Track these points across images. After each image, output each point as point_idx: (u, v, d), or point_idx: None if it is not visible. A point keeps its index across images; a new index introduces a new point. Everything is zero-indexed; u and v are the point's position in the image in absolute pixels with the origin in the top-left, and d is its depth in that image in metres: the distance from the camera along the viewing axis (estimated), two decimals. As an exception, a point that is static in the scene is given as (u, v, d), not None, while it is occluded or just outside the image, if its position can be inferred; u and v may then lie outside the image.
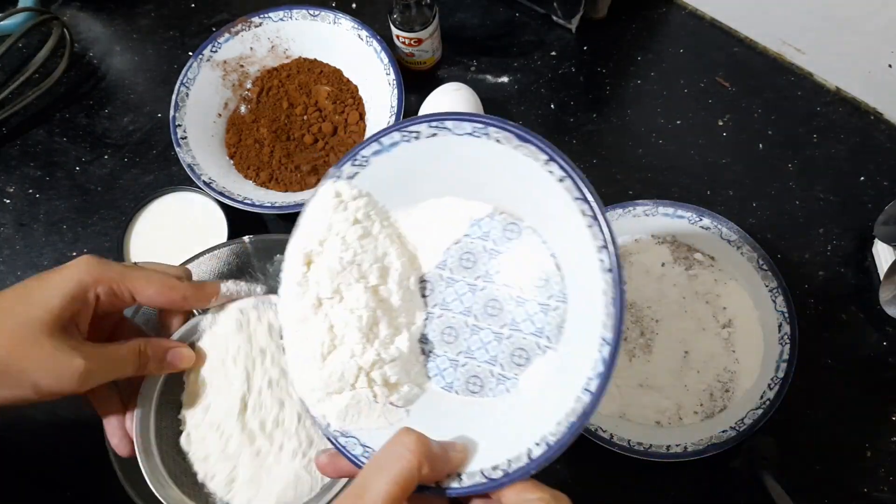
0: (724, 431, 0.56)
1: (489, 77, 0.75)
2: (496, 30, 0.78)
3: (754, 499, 0.58)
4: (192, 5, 0.82)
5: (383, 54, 0.70)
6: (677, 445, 0.56)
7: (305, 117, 0.72)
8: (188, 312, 0.49)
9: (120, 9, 0.82)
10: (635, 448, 0.56)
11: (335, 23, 0.72)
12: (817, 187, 0.68)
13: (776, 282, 0.59)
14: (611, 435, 0.56)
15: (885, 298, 0.61)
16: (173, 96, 0.69)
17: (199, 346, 0.50)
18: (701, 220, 0.62)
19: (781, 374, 0.57)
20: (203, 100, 0.70)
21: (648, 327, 0.61)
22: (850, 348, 0.63)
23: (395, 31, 0.70)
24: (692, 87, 0.74)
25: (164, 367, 0.46)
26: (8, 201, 0.73)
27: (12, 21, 0.77)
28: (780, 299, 0.59)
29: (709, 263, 0.63)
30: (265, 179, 0.69)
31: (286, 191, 0.69)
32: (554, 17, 0.76)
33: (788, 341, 0.58)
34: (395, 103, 0.67)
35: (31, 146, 0.75)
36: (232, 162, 0.70)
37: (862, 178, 0.68)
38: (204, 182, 0.65)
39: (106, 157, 0.74)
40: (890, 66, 0.65)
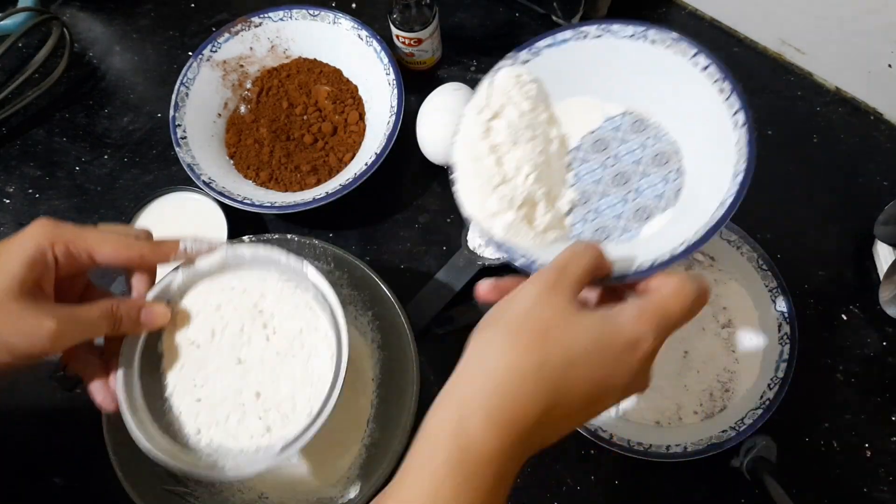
0: (723, 431, 0.56)
1: (489, 77, 0.75)
2: (496, 30, 0.78)
3: (754, 499, 0.58)
4: (192, 5, 0.82)
5: (383, 54, 0.70)
6: (677, 445, 0.56)
7: (305, 117, 0.72)
8: (153, 273, 0.49)
9: (120, 9, 0.82)
10: (635, 448, 0.56)
11: (335, 23, 0.72)
12: (817, 187, 0.68)
13: (776, 282, 0.59)
14: (611, 435, 0.56)
15: (885, 298, 0.61)
16: (173, 96, 0.69)
17: (179, 304, 0.50)
18: (701, 220, 0.62)
19: (781, 375, 0.57)
20: (203, 100, 0.70)
21: (648, 327, 0.61)
22: (849, 348, 0.63)
23: (394, 31, 0.70)
24: (692, 87, 0.74)
25: (139, 326, 0.46)
26: (8, 201, 0.73)
27: (12, 21, 0.77)
28: (780, 299, 0.59)
29: (709, 263, 0.63)
30: (265, 179, 0.69)
31: (286, 191, 0.69)
32: (554, 17, 0.76)
33: (788, 341, 0.58)
34: (394, 103, 0.67)
35: (30, 146, 0.75)
36: (232, 162, 0.70)
37: (862, 178, 0.68)
38: (204, 182, 0.65)
39: (106, 156, 0.74)
40: (890, 65, 0.65)
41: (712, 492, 0.59)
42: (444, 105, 0.68)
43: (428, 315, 0.64)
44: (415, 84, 0.74)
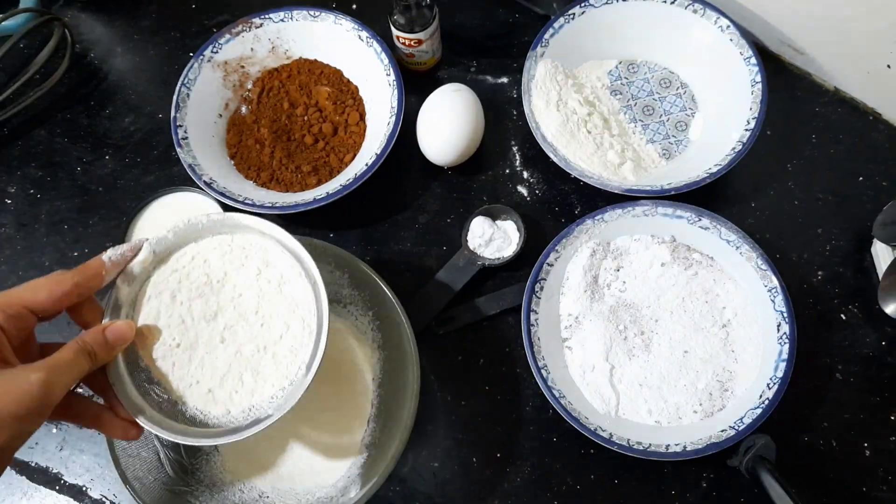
0: (723, 431, 0.56)
1: (489, 77, 0.75)
2: (496, 30, 0.78)
3: (753, 498, 0.58)
4: (193, 6, 0.82)
5: (383, 55, 0.70)
6: (676, 445, 0.56)
7: (306, 118, 0.72)
8: (94, 301, 0.48)
9: (121, 10, 0.82)
10: (634, 447, 0.56)
11: (336, 24, 0.72)
12: (816, 187, 0.69)
13: (775, 281, 0.60)
14: (610, 434, 0.56)
15: (884, 298, 0.61)
16: (174, 97, 0.69)
17: (139, 309, 0.50)
18: (700, 220, 0.62)
19: (780, 374, 0.57)
20: (204, 100, 0.71)
21: (648, 327, 0.61)
22: (848, 348, 0.63)
23: (395, 32, 0.70)
24: (691, 88, 0.74)
25: (112, 348, 0.46)
26: (9, 201, 0.73)
27: (13, 21, 0.77)
28: (779, 299, 0.59)
29: (708, 263, 0.63)
30: (266, 180, 0.69)
31: (287, 191, 0.69)
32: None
33: (787, 341, 0.58)
34: (395, 104, 0.68)
35: (32, 146, 0.75)
36: (233, 162, 0.71)
37: (861, 178, 0.69)
38: (205, 182, 0.65)
39: (107, 157, 0.74)
40: (889, 66, 0.65)
41: (712, 490, 0.59)
42: (444, 106, 0.68)
43: (428, 315, 0.65)
44: (415, 85, 0.74)
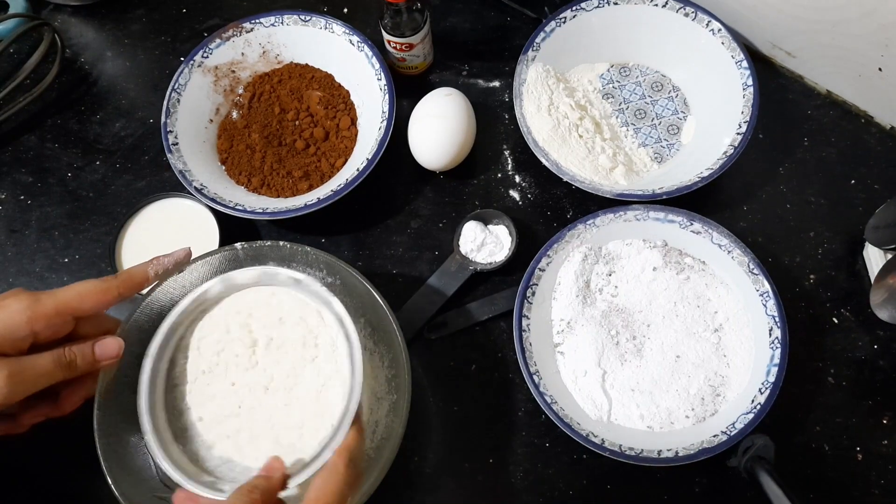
0: (715, 436, 0.56)
1: (481, 81, 0.75)
2: (487, 34, 0.78)
3: (748, 502, 0.58)
4: (184, 10, 0.81)
5: (374, 59, 0.70)
6: (669, 450, 0.56)
7: (297, 122, 0.72)
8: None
9: (111, 14, 0.82)
10: (626, 453, 0.56)
11: (326, 28, 0.72)
12: (808, 191, 0.69)
13: (767, 285, 0.60)
14: (602, 440, 0.56)
15: (876, 302, 0.61)
16: (164, 102, 0.69)
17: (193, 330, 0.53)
18: (692, 224, 0.62)
19: (772, 378, 0.57)
20: (194, 105, 0.70)
21: (639, 332, 0.61)
22: (840, 352, 0.63)
23: (386, 36, 0.70)
24: (683, 91, 0.74)
25: (95, 362, 0.48)
26: (0, 208, 0.73)
27: (3, 27, 0.77)
28: (771, 303, 0.59)
29: (700, 268, 0.63)
30: (257, 185, 0.69)
31: (278, 196, 0.69)
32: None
33: (779, 345, 0.58)
34: (386, 108, 0.67)
35: (22, 152, 0.75)
36: (224, 168, 0.70)
37: (853, 182, 0.69)
38: (195, 188, 0.65)
39: (98, 162, 0.74)
40: (880, 69, 0.65)
41: (705, 495, 0.59)
42: (436, 110, 0.68)
43: (420, 320, 0.64)
44: (407, 89, 0.74)
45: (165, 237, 0.67)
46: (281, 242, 0.59)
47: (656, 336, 0.61)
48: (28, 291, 0.45)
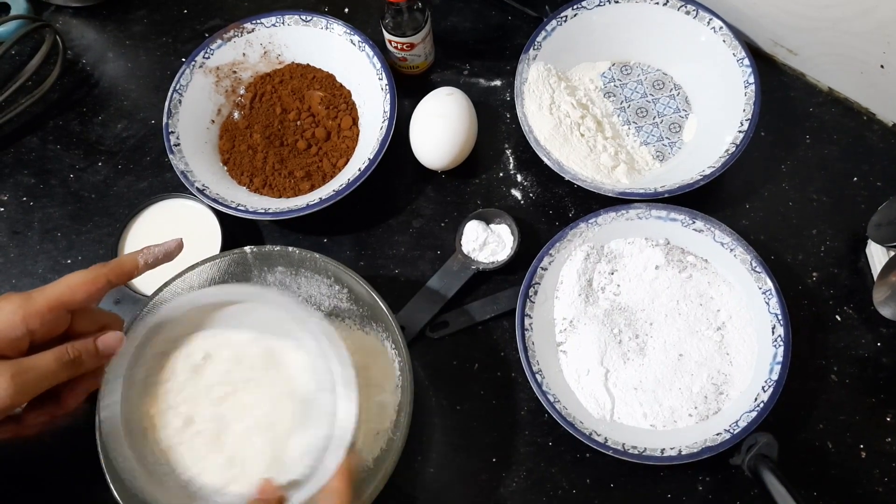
0: (718, 434, 0.56)
1: (482, 80, 0.75)
2: (488, 33, 0.78)
3: (751, 501, 0.58)
4: (185, 11, 0.81)
5: (376, 59, 0.70)
6: (672, 449, 0.56)
7: (298, 123, 0.72)
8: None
9: (112, 15, 0.82)
10: (629, 452, 0.56)
11: (327, 28, 0.72)
12: (810, 188, 0.69)
13: (769, 283, 0.59)
14: (605, 439, 0.56)
15: (879, 299, 0.61)
16: (166, 103, 0.69)
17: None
18: (694, 222, 0.62)
19: (775, 376, 0.57)
20: (196, 106, 0.70)
21: (642, 330, 0.61)
22: (843, 349, 0.63)
23: (387, 35, 0.70)
24: (685, 89, 0.74)
25: (99, 357, 0.47)
26: (2, 209, 0.73)
27: (4, 29, 0.77)
28: (774, 301, 0.59)
29: (702, 266, 0.63)
30: (259, 185, 0.69)
31: (280, 197, 0.69)
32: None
33: (782, 343, 0.58)
34: (387, 108, 0.67)
35: (24, 154, 0.75)
36: (225, 168, 0.70)
37: (855, 179, 0.69)
38: (197, 189, 0.65)
39: (100, 164, 0.74)
40: (882, 66, 0.65)
41: (708, 494, 0.59)
42: (437, 109, 0.68)
43: (422, 320, 0.64)
44: (408, 88, 0.74)
45: (167, 238, 0.67)
46: (290, 248, 0.59)
47: (659, 334, 0.61)
48: (18, 293, 0.45)
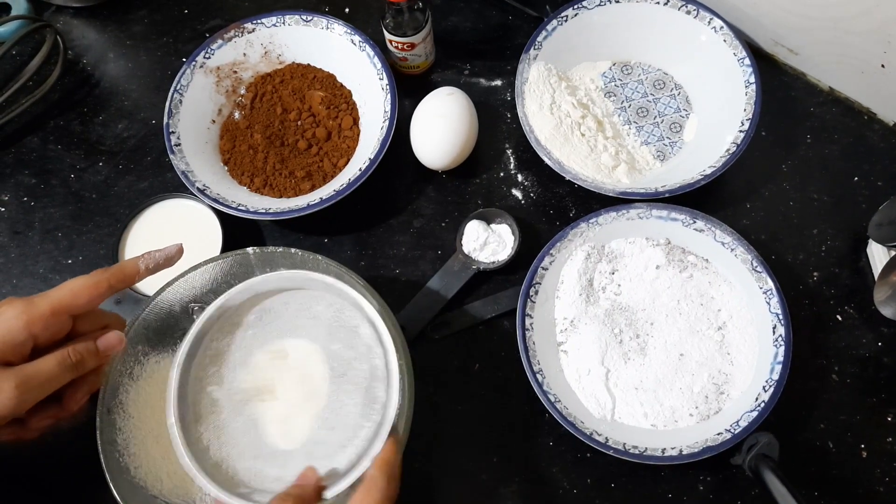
0: (719, 434, 0.56)
1: (482, 80, 0.75)
2: (489, 33, 0.78)
3: (751, 501, 0.58)
4: (186, 11, 0.82)
5: (376, 59, 0.70)
6: (672, 448, 0.56)
7: (299, 123, 0.72)
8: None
9: (113, 15, 0.82)
10: (630, 451, 0.56)
11: (328, 28, 0.72)
12: (811, 188, 0.69)
13: (770, 283, 0.59)
14: (606, 438, 0.56)
15: (880, 299, 0.61)
16: (167, 103, 0.69)
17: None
18: (695, 222, 0.62)
19: (776, 376, 0.57)
20: (197, 106, 0.70)
21: (643, 330, 0.61)
22: (844, 349, 0.63)
23: (387, 35, 0.70)
24: (686, 89, 0.74)
25: (100, 357, 0.48)
26: (3, 209, 0.73)
27: (5, 29, 0.77)
28: (775, 301, 0.59)
29: (703, 266, 0.63)
30: (259, 185, 0.69)
31: (280, 197, 0.69)
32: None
33: (783, 343, 0.58)
34: (388, 108, 0.67)
35: (25, 154, 0.75)
36: (226, 168, 0.70)
37: (856, 179, 0.68)
38: (198, 189, 0.65)
39: (100, 164, 0.74)
40: (882, 66, 0.65)
41: (709, 494, 0.59)
42: (438, 109, 0.68)
43: (423, 319, 0.64)
44: (408, 88, 0.74)
45: (168, 238, 0.67)
46: (293, 250, 0.58)
47: (660, 334, 0.61)
48: (20, 298, 0.45)
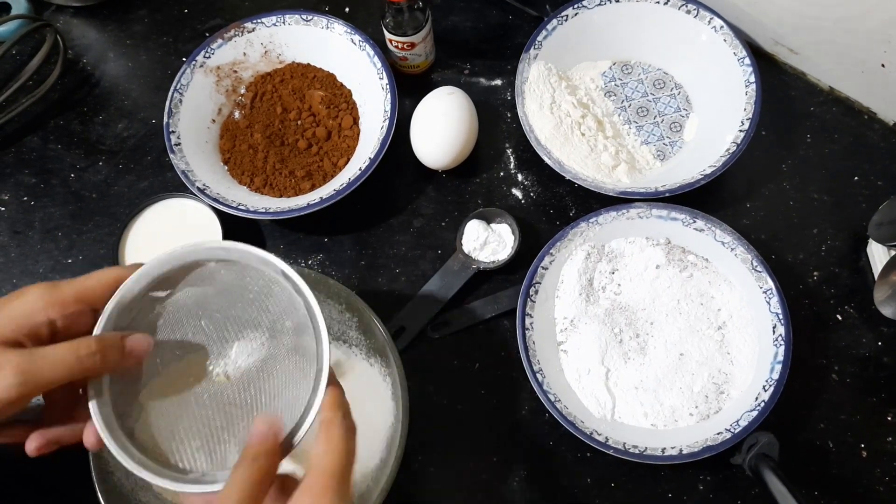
0: (718, 433, 0.56)
1: (483, 80, 0.75)
2: (489, 32, 0.78)
3: (751, 500, 0.58)
4: (186, 11, 0.81)
5: (376, 59, 0.70)
6: (672, 448, 0.56)
7: (299, 122, 0.72)
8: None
9: (113, 15, 0.82)
10: (630, 451, 0.56)
11: (328, 27, 0.72)
12: (811, 188, 0.69)
13: (770, 283, 0.59)
14: (606, 438, 0.56)
15: (880, 299, 0.61)
16: (167, 102, 0.69)
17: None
18: (695, 222, 0.62)
19: (776, 376, 0.57)
20: (197, 106, 0.70)
21: (643, 329, 0.61)
22: (844, 349, 0.63)
23: (387, 35, 0.70)
24: (686, 89, 0.74)
25: (126, 359, 0.43)
26: (3, 209, 0.73)
27: (5, 28, 0.77)
28: (775, 300, 0.59)
29: (703, 265, 0.63)
30: (259, 185, 0.69)
31: (280, 196, 0.69)
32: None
33: (783, 342, 0.58)
34: (388, 107, 0.67)
35: (25, 153, 0.75)
36: (226, 168, 0.70)
37: (856, 178, 0.68)
38: (198, 188, 0.65)
39: (100, 163, 0.74)
40: (883, 65, 0.65)
41: (709, 493, 0.59)
42: (438, 109, 0.68)
43: (423, 319, 0.64)
44: (409, 88, 0.74)
45: (169, 237, 0.67)
46: (306, 270, 0.58)
47: (660, 334, 0.61)
48: (47, 282, 0.42)
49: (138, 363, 0.44)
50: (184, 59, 0.72)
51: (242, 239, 0.61)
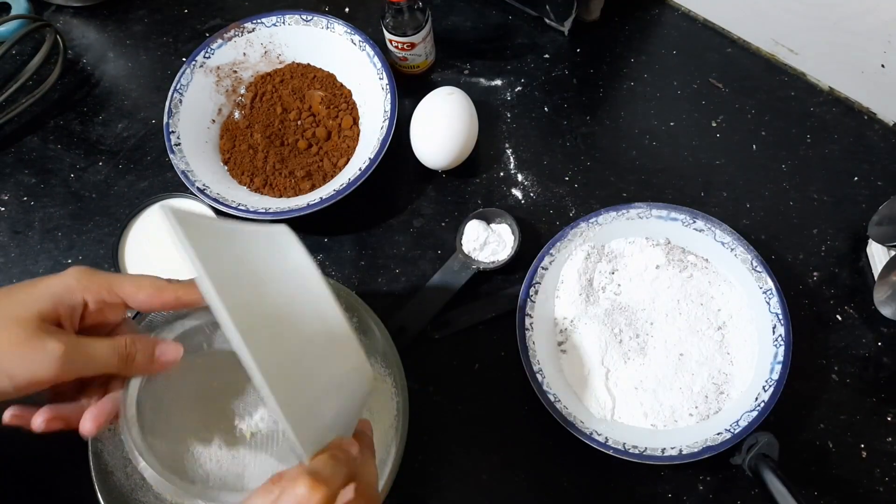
0: (718, 434, 0.56)
1: (482, 80, 0.75)
2: (489, 33, 0.78)
3: (751, 500, 0.58)
4: (186, 11, 0.81)
5: (376, 59, 0.70)
6: (672, 448, 0.56)
7: (299, 122, 0.72)
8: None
9: (113, 15, 0.82)
10: (630, 451, 0.56)
11: (328, 28, 0.72)
12: (811, 188, 0.69)
13: (770, 283, 0.59)
14: (606, 438, 0.56)
15: (880, 299, 0.61)
16: (167, 102, 0.69)
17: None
18: (695, 222, 0.62)
19: (776, 376, 0.57)
20: (197, 106, 0.70)
21: (643, 330, 0.61)
22: (844, 349, 0.63)
23: (387, 35, 0.70)
24: (685, 89, 0.74)
25: (153, 364, 0.44)
26: (3, 209, 0.73)
27: (5, 28, 0.77)
28: (775, 300, 0.59)
29: (703, 265, 0.63)
30: (259, 185, 0.69)
31: (280, 196, 0.69)
32: (546, 20, 0.76)
33: (783, 343, 0.58)
34: (388, 108, 0.67)
35: (25, 153, 0.75)
36: (226, 168, 0.70)
37: (856, 178, 0.68)
38: (198, 189, 0.65)
39: (100, 163, 0.74)
40: (883, 65, 0.65)
41: (709, 493, 0.59)
42: (438, 109, 0.68)
43: (423, 319, 0.64)
44: (408, 88, 0.74)
45: (168, 238, 0.67)
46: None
47: (659, 334, 0.61)
48: (88, 267, 0.43)
49: (166, 370, 0.45)
50: (184, 59, 0.72)
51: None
